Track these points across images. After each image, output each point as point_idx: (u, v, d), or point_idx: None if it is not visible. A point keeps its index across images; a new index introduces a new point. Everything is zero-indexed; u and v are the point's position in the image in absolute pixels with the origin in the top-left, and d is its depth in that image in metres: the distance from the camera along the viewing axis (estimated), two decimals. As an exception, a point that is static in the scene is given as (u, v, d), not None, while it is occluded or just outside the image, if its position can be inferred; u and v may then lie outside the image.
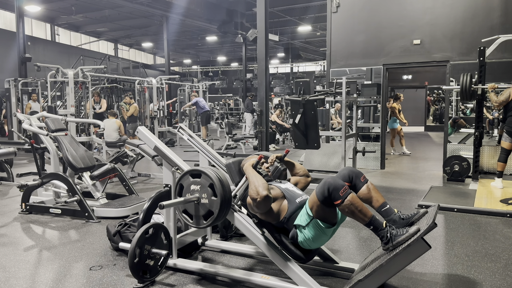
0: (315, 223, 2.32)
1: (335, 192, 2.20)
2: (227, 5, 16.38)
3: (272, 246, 2.49)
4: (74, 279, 2.82)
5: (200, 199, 2.45)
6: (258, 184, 2.39)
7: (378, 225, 2.28)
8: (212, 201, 2.42)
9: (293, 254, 2.45)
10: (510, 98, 5.18)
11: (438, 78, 15.05)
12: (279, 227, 2.51)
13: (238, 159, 2.82)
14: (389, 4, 7.15)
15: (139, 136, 3.01)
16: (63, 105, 9.08)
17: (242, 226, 2.56)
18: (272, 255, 2.48)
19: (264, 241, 2.50)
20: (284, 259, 2.44)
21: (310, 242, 2.37)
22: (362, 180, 2.50)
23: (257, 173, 2.53)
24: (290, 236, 2.45)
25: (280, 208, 2.48)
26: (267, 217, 2.49)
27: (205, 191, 2.43)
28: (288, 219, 2.46)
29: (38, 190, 4.82)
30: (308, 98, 5.20)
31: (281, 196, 2.52)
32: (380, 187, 5.68)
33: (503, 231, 3.75)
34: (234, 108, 21.25)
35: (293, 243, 2.45)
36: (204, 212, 2.45)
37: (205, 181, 2.44)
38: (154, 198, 3.01)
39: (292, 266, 2.41)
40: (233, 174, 2.77)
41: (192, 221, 2.52)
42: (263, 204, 2.37)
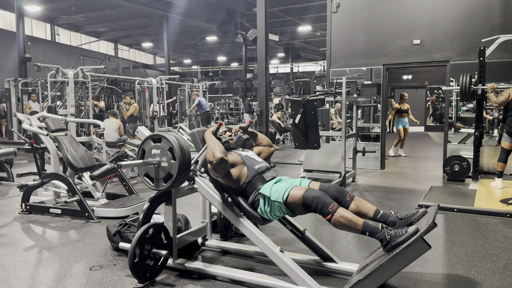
0: (281, 206, 2.49)
1: (324, 208, 2.34)
2: (227, 5, 16.38)
3: (228, 206, 2.67)
4: (74, 279, 2.82)
5: (160, 162, 2.58)
6: (215, 147, 2.57)
7: (374, 229, 2.28)
8: (171, 164, 2.54)
9: (250, 215, 2.62)
10: (509, 98, 5.18)
11: (438, 78, 15.04)
12: (239, 191, 2.69)
13: (202, 128, 3.00)
14: (389, 4, 7.15)
15: (139, 136, 3.01)
16: (63, 105, 9.07)
17: (202, 189, 2.73)
18: (227, 214, 2.66)
19: (220, 201, 2.67)
20: (237, 216, 2.63)
21: (268, 213, 2.56)
22: (348, 198, 2.54)
23: (215, 138, 2.70)
24: (250, 200, 2.64)
25: (240, 174, 2.66)
26: (227, 182, 2.66)
27: (165, 155, 2.56)
28: (247, 184, 2.65)
29: (38, 190, 4.82)
30: (308, 98, 5.19)
31: (240, 162, 2.69)
32: (380, 187, 5.69)
33: (503, 231, 3.75)
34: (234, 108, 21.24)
35: (252, 207, 2.63)
36: (164, 175, 2.58)
37: (165, 145, 2.57)
38: (154, 198, 3.01)
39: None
40: (197, 143, 2.93)
41: (153, 184, 2.64)
42: (220, 166, 2.55)
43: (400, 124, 8.80)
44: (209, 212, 3.33)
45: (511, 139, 5.18)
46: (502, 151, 5.30)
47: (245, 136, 2.93)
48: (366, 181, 6.21)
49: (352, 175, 6.10)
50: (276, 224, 3.21)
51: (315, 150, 5.63)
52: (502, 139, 5.32)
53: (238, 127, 2.96)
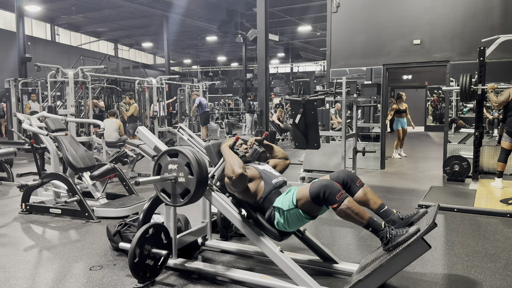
0: (296, 212, 2.41)
1: (331, 196, 2.27)
2: (227, 5, 16.38)
3: (247, 223, 2.59)
4: (74, 279, 2.82)
5: (177, 178, 2.52)
6: (234, 163, 2.49)
7: (377, 226, 2.28)
8: (189, 179, 2.48)
9: (268, 231, 2.55)
10: (509, 98, 5.18)
11: (438, 78, 15.03)
12: (255, 206, 2.60)
13: (217, 141, 2.93)
14: (389, 4, 7.15)
15: (139, 136, 3.01)
16: (63, 105, 9.07)
17: (219, 204, 2.65)
18: (247, 232, 2.57)
19: (239, 219, 2.59)
20: (258, 234, 2.54)
21: (286, 225, 2.47)
22: (358, 184, 2.52)
23: (233, 153, 2.63)
24: (266, 216, 2.55)
25: (257, 189, 2.58)
26: (244, 197, 2.59)
27: (182, 170, 2.50)
28: (264, 199, 2.56)
29: (38, 190, 4.82)
30: (308, 98, 5.19)
31: (258, 177, 2.61)
32: (380, 187, 5.69)
33: (503, 231, 3.75)
34: (234, 108, 21.25)
35: (269, 222, 2.55)
36: (181, 191, 2.52)
37: (182, 160, 2.51)
38: (154, 198, 3.01)
39: (264, 240, 2.48)
40: (212, 156, 2.87)
41: (170, 200, 2.59)
42: (239, 182, 2.46)
43: (399, 125, 8.69)
44: (209, 212, 3.33)
45: (511, 139, 5.18)
46: (502, 151, 5.31)
47: (261, 149, 2.86)
48: (366, 181, 6.14)
49: (352, 175, 6.08)
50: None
51: (315, 150, 5.63)
52: (502, 139, 5.32)
53: (254, 140, 2.87)
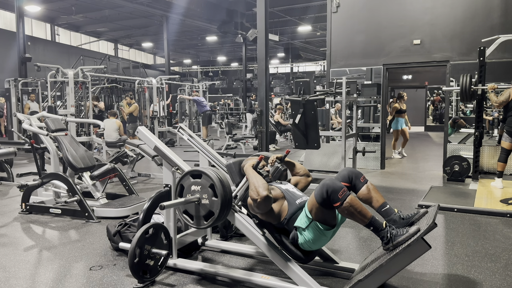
0: (314, 225, 2.32)
1: (333, 194, 2.21)
2: (227, 5, 16.38)
3: (272, 247, 2.49)
4: (74, 279, 2.82)
5: (200, 199, 2.45)
6: (258, 184, 2.39)
7: (378, 226, 2.28)
8: (212, 201, 2.41)
9: (293, 254, 2.45)
10: (510, 98, 5.18)
11: (438, 78, 15.04)
12: (279, 227, 2.51)
13: (238, 159, 2.82)
14: (389, 4, 7.15)
15: (139, 136, 3.01)
16: (63, 105, 9.07)
17: (243, 226, 2.56)
18: (272, 255, 2.48)
19: (264, 242, 2.50)
20: (285, 260, 2.44)
21: (310, 243, 2.37)
22: (362, 180, 2.50)
23: (257, 174, 2.53)
24: (290, 237, 2.45)
25: (281, 209, 2.48)
26: (268, 218, 2.49)
27: (206, 192, 2.43)
28: (288, 220, 2.46)
29: (38, 190, 4.82)
30: (308, 98, 5.19)
31: (281, 197, 2.52)
32: (380, 187, 5.68)
33: (503, 231, 3.75)
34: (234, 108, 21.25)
35: (293, 244, 2.44)
36: (204, 213, 2.45)
37: (206, 181, 2.44)
38: (154, 198, 3.01)
39: (293, 266, 2.40)
40: (234, 175, 2.77)
41: (193, 222, 2.52)
42: (263, 204, 2.37)
43: (398, 125, 8.59)
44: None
45: (511, 139, 5.18)
46: (502, 151, 5.31)
47: (283, 167, 2.75)
48: (366, 181, 6.19)
49: (352, 175, 6.08)
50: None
51: (315, 150, 5.64)
52: (502, 139, 5.32)
53: (275, 157, 2.76)
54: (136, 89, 11.58)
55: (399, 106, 8.60)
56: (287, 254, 2.48)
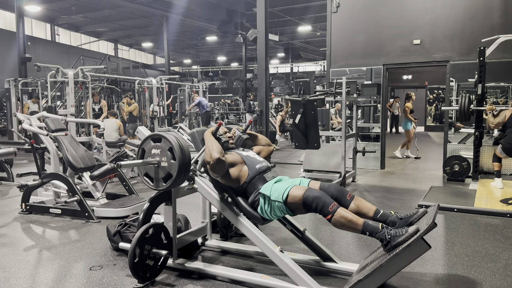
0: (281, 206, 2.48)
1: (324, 208, 2.34)
2: (227, 5, 16.38)
3: (227, 205, 2.67)
4: (74, 279, 2.82)
5: (160, 162, 2.57)
6: (212, 148, 2.57)
7: (374, 229, 2.28)
8: (171, 164, 2.54)
9: (250, 215, 2.61)
10: (505, 119, 5.23)
11: (438, 78, 15.03)
12: (239, 191, 2.67)
13: (202, 128, 2.99)
14: (389, 4, 7.15)
15: (139, 136, 3.01)
16: (63, 105, 9.07)
17: (202, 188, 2.73)
18: (227, 214, 2.65)
19: (219, 199, 2.68)
20: (236, 215, 2.63)
21: (269, 213, 2.55)
22: (348, 198, 2.54)
23: (213, 139, 2.69)
24: (250, 200, 2.63)
25: (240, 174, 2.65)
26: (227, 181, 2.65)
27: (165, 155, 2.56)
28: (247, 184, 2.63)
29: (38, 190, 4.82)
30: (308, 98, 5.19)
31: (240, 162, 2.68)
32: (380, 187, 5.69)
33: (503, 231, 3.75)
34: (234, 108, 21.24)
35: (252, 206, 2.62)
36: (163, 175, 2.58)
37: (165, 145, 2.57)
38: (154, 198, 3.01)
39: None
40: (197, 142, 2.93)
41: (153, 184, 2.64)
42: (217, 166, 2.54)
43: (409, 125, 8.57)
44: (209, 212, 3.33)
45: (505, 155, 5.23)
46: (495, 156, 5.34)
47: (245, 135, 2.93)
48: (366, 181, 6.21)
49: (352, 175, 6.10)
50: (276, 224, 3.21)
51: (315, 150, 5.63)
52: (497, 149, 5.30)
53: (237, 127, 2.98)
54: (136, 89, 11.57)
55: (411, 106, 8.64)
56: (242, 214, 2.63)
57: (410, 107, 8.65)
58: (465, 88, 7.50)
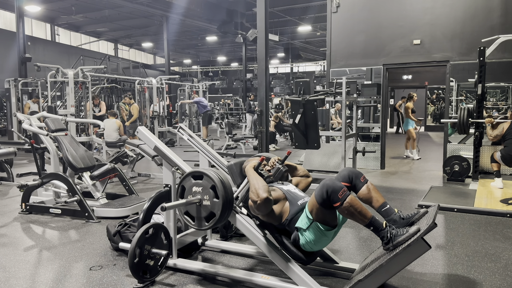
0: (315, 226, 2.32)
1: (333, 194, 2.20)
2: (227, 5, 16.38)
3: (273, 247, 2.49)
4: (74, 279, 2.82)
5: (202, 200, 2.45)
6: (259, 186, 2.39)
7: (378, 226, 2.28)
8: (214, 202, 2.41)
9: (294, 255, 2.44)
10: (503, 131, 5.26)
11: (438, 78, 15.03)
12: (280, 228, 2.50)
13: (240, 160, 2.82)
14: (389, 4, 7.15)
15: (139, 136, 3.01)
16: (63, 105, 9.07)
17: (244, 227, 2.55)
18: (273, 256, 2.48)
19: (265, 242, 2.50)
20: (285, 260, 2.44)
21: (312, 244, 2.36)
22: (362, 180, 2.50)
23: (258, 175, 2.52)
24: (292, 238, 2.44)
25: (282, 210, 2.48)
26: (269, 219, 2.49)
27: (207, 193, 2.43)
28: (289, 221, 2.45)
29: (38, 190, 4.82)
30: (308, 98, 5.19)
31: (283, 198, 2.51)
32: (380, 187, 5.68)
33: (503, 231, 3.75)
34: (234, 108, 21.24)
35: (295, 245, 2.44)
36: (206, 214, 2.45)
37: (207, 182, 2.44)
38: (154, 198, 3.01)
39: (293, 266, 2.40)
40: (235, 176, 2.77)
41: (194, 223, 2.51)
42: (264, 206, 2.37)
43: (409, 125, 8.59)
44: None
45: (503, 163, 5.25)
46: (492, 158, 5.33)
47: (284, 168, 2.74)
48: (366, 181, 6.20)
49: (352, 175, 6.08)
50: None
51: (315, 150, 5.64)
52: (497, 155, 5.28)
53: (277, 159, 2.79)
54: (136, 89, 11.58)
55: (412, 106, 8.70)
56: (287, 255, 2.47)
57: (411, 107, 8.73)
58: (465, 88, 7.51)
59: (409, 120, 8.67)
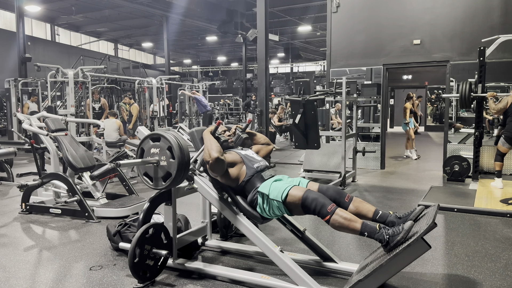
0: (280, 205, 2.49)
1: (323, 209, 2.34)
2: (227, 5, 16.37)
3: (226, 205, 2.66)
4: (74, 279, 2.82)
5: (159, 161, 2.57)
6: (211, 147, 2.57)
7: (372, 230, 2.29)
8: (170, 163, 2.54)
9: (250, 214, 2.61)
10: (507, 105, 5.21)
11: (438, 78, 15.03)
12: (238, 190, 2.68)
13: (201, 128, 3.00)
14: (389, 4, 7.15)
15: (139, 136, 3.01)
16: (63, 105, 9.07)
17: (201, 187, 2.73)
18: (227, 214, 2.65)
19: (218, 199, 2.67)
20: (235, 214, 2.62)
21: (266, 211, 2.56)
22: (347, 200, 2.53)
23: (212, 138, 2.69)
24: (248, 199, 2.64)
25: (239, 173, 2.66)
26: (227, 181, 2.66)
27: (164, 154, 2.56)
28: (246, 182, 2.64)
29: (38, 190, 4.82)
30: (308, 98, 5.19)
31: (239, 161, 2.69)
32: (380, 187, 5.69)
33: (503, 231, 3.75)
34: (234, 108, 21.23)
35: (250, 205, 2.63)
36: (163, 174, 2.58)
37: (164, 144, 2.57)
38: (154, 198, 3.01)
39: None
40: (196, 142, 2.94)
41: (152, 183, 2.64)
42: (216, 166, 2.55)
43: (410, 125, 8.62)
44: (209, 212, 3.33)
45: (509, 145, 5.21)
46: (498, 153, 5.33)
47: (244, 135, 2.94)
48: (366, 181, 6.21)
49: (352, 175, 6.09)
50: (276, 224, 3.21)
51: (315, 150, 5.63)
52: (499, 143, 5.31)
53: (237, 126, 2.98)
54: (136, 89, 11.57)
55: (410, 106, 8.71)
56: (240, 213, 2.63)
57: (409, 107, 8.73)
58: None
59: (410, 119, 8.71)
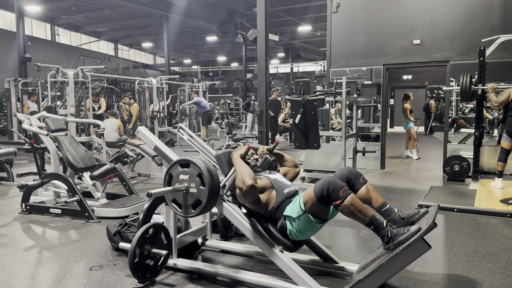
0: (306, 217, 2.36)
1: (334, 192, 2.23)
2: (227, 5, 16.38)
3: (259, 234, 2.55)
4: (74, 279, 2.82)
5: (188, 188, 2.49)
6: (245, 173, 2.46)
7: (379, 225, 2.28)
8: (200, 190, 2.45)
9: (280, 242, 2.50)
10: (509, 98, 5.19)
11: (438, 78, 15.02)
12: (267, 216, 2.57)
13: (227, 150, 2.89)
14: (389, 4, 7.15)
15: (139, 136, 3.01)
16: (63, 105, 9.07)
17: (231, 215, 2.62)
18: (258, 243, 2.54)
19: (251, 229, 2.56)
20: (269, 245, 2.50)
21: (298, 233, 2.42)
22: (361, 181, 2.51)
23: (244, 163, 2.59)
24: (278, 226, 2.50)
25: (269, 198, 2.53)
26: (256, 207, 2.54)
27: (194, 181, 2.47)
28: (276, 209, 2.51)
29: (38, 190, 4.81)
30: (308, 98, 5.19)
31: (269, 187, 2.57)
32: (380, 187, 5.68)
33: (503, 231, 3.75)
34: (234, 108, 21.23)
35: (281, 233, 2.50)
36: (192, 201, 2.49)
37: (194, 170, 2.48)
38: (154, 198, 3.01)
39: (276, 252, 2.45)
40: (223, 165, 2.83)
41: (181, 210, 2.55)
42: (249, 193, 2.43)
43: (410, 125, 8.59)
44: (209, 212, 3.33)
45: (511, 139, 5.19)
46: (502, 151, 5.31)
47: (272, 158, 2.77)
48: (366, 181, 6.19)
49: (352, 175, 6.08)
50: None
51: (315, 150, 5.63)
52: (502, 139, 5.32)
53: (265, 149, 2.82)
54: (136, 89, 11.57)
55: (410, 106, 8.68)
56: (274, 242, 2.53)
57: (408, 107, 8.71)
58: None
59: (409, 120, 8.67)
